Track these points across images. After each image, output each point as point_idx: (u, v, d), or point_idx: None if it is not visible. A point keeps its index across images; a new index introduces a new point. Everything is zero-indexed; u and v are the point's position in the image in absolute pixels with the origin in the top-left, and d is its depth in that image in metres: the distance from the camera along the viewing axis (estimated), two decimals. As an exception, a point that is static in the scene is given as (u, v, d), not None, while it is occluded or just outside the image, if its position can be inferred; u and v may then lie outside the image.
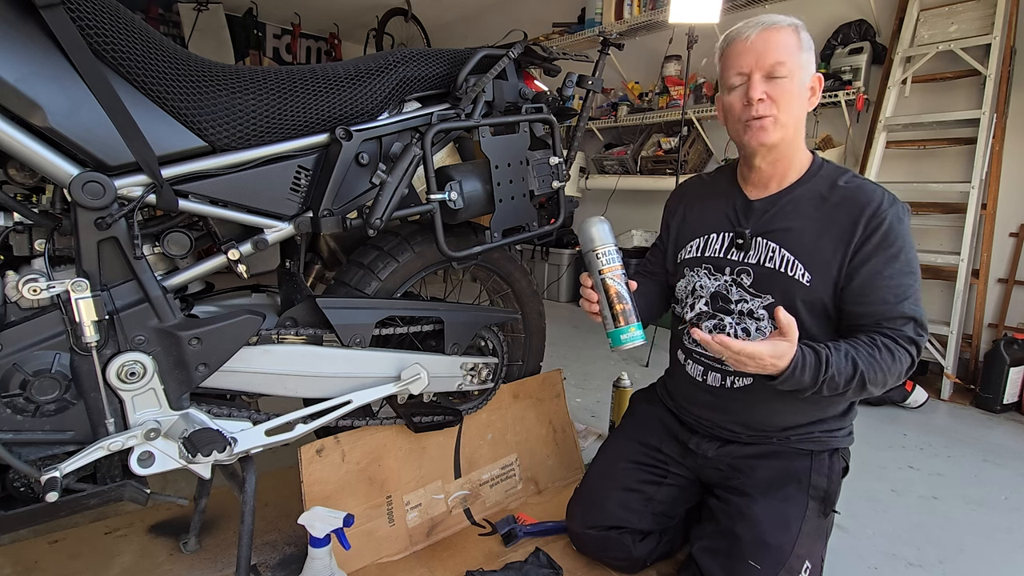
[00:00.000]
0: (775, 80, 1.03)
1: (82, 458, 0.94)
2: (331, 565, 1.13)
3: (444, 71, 1.29)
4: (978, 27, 2.58)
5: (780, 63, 1.02)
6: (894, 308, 1.02)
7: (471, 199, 1.27)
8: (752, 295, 1.12)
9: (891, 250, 1.02)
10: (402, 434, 1.38)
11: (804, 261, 1.07)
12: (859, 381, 0.98)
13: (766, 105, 1.04)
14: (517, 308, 1.61)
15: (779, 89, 1.03)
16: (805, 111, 1.08)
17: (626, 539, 1.23)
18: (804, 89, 1.06)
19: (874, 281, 1.03)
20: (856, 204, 1.05)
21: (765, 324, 1.11)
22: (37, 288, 0.89)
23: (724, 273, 1.16)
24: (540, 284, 4.31)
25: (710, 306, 1.18)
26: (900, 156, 2.96)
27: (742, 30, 1.06)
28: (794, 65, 1.03)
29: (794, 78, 1.03)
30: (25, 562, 1.27)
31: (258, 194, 1.08)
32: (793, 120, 1.06)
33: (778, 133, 1.06)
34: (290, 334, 1.15)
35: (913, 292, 1.03)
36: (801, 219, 1.09)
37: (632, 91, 4.09)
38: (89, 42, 0.87)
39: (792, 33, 1.04)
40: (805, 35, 1.06)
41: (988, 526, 1.58)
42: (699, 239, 1.23)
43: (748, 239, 1.12)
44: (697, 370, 1.22)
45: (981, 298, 2.67)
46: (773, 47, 1.03)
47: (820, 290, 1.06)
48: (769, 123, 1.05)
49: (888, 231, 1.02)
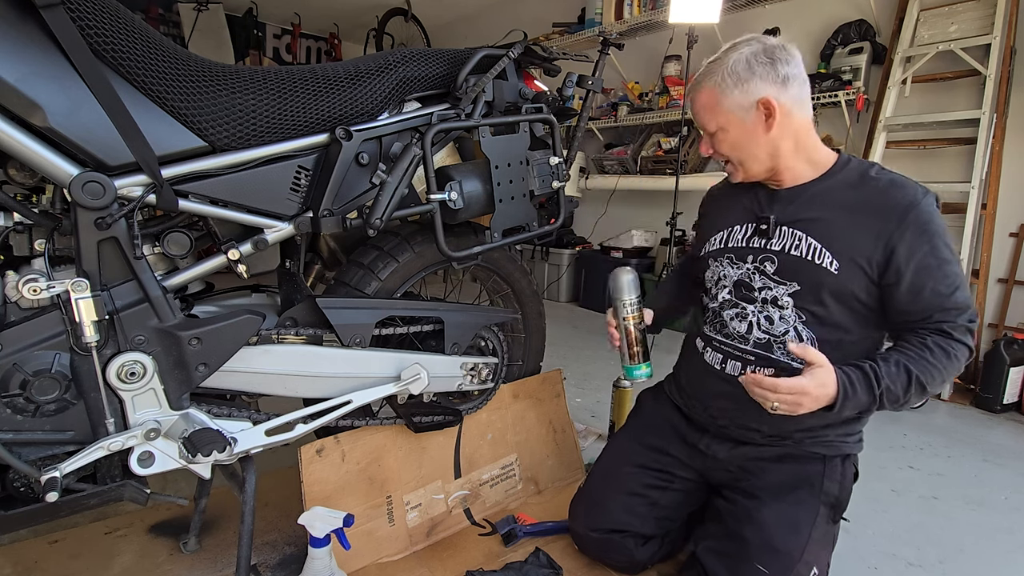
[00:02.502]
0: (712, 136, 1.13)
1: (82, 458, 0.94)
2: (331, 565, 1.13)
3: (444, 71, 1.29)
4: (978, 27, 2.58)
5: (704, 125, 1.12)
6: (948, 299, 1.01)
7: (471, 199, 1.27)
8: (776, 283, 1.11)
9: (934, 241, 1.01)
10: (402, 434, 1.38)
11: (833, 250, 1.05)
12: (917, 385, 0.98)
13: (718, 156, 1.14)
14: (517, 308, 1.61)
15: (717, 143, 1.13)
16: (765, 136, 1.07)
17: (628, 542, 1.23)
18: (745, 126, 1.07)
19: (925, 275, 1.01)
20: (891, 197, 1.04)
21: (789, 312, 1.10)
22: (37, 288, 0.89)
23: (746, 261, 1.16)
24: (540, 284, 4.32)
25: (733, 294, 1.18)
26: (900, 156, 2.96)
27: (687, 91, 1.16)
28: (721, 119, 1.09)
29: (726, 127, 1.09)
30: (25, 562, 1.27)
31: (258, 194, 1.07)
32: (749, 155, 1.10)
33: (740, 174, 1.14)
34: (290, 334, 1.15)
35: (962, 280, 1.02)
36: (830, 210, 1.08)
37: (632, 91, 4.09)
38: (89, 42, 0.87)
39: (708, 92, 1.09)
40: (724, 80, 1.06)
41: (988, 526, 1.58)
42: (723, 231, 1.23)
43: (772, 225, 1.13)
44: (716, 358, 1.19)
45: (981, 298, 2.67)
46: (698, 112, 1.12)
47: (849, 280, 1.05)
48: (731, 168, 1.15)
49: (928, 223, 1.01)
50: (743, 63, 1.05)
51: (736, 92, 1.05)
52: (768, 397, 0.98)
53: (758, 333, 1.13)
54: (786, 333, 1.10)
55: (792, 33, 3.25)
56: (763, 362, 1.12)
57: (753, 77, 1.04)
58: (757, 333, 1.13)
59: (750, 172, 1.12)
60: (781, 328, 1.10)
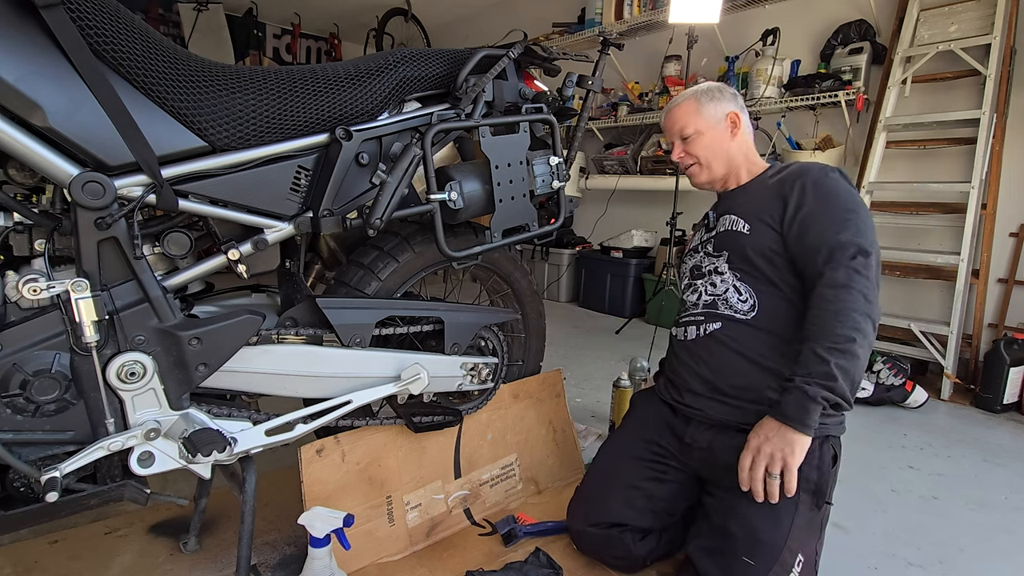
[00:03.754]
0: (686, 140, 1.35)
1: (82, 458, 0.94)
2: (331, 565, 1.13)
3: (444, 71, 1.29)
4: (978, 27, 2.58)
5: (683, 128, 1.35)
6: (833, 238, 1.11)
7: (471, 199, 1.27)
8: (715, 256, 1.32)
9: (824, 195, 1.17)
10: (402, 434, 1.38)
11: (745, 218, 1.27)
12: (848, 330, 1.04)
13: (686, 158, 1.37)
14: (517, 308, 1.61)
15: (691, 145, 1.35)
16: (727, 143, 1.34)
17: (627, 537, 1.23)
18: (716, 132, 1.33)
19: (810, 220, 1.16)
20: (794, 174, 1.25)
21: (727, 276, 1.28)
22: (37, 288, 0.89)
23: (698, 252, 1.38)
24: (540, 284, 4.32)
25: (690, 277, 1.38)
26: (900, 156, 2.96)
27: (663, 114, 1.41)
28: (698, 124, 1.33)
29: (701, 131, 1.33)
30: (25, 562, 1.27)
31: (258, 194, 1.08)
32: (715, 157, 1.34)
33: (704, 174, 1.37)
34: (290, 334, 1.15)
35: (852, 224, 1.12)
36: (752, 196, 1.31)
37: (632, 91, 4.09)
38: (89, 42, 0.87)
39: (691, 103, 1.35)
40: (706, 95, 1.34)
41: (988, 526, 1.58)
42: (694, 237, 1.45)
43: (714, 221, 1.36)
44: (679, 332, 1.35)
45: (981, 298, 2.67)
46: (677, 119, 1.36)
47: (760, 236, 1.23)
48: (695, 169, 1.37)
49: (819, 182, 1.20)
50: (716, 88, 1.36)
51: (711, 105, 1.34)
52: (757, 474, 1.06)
53: (705, 297, 1.31)
54: (727, 291, 1.27)
55: (792, 33, 3.25)
56: (711, 318, 1.27)
57: (723, 98, 1.35)
58: (704, 297, 1.31)
59: (713, 173, 1.36)
60: (722, 288, 1.28)
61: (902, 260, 2.76)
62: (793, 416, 1.03)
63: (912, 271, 2.83)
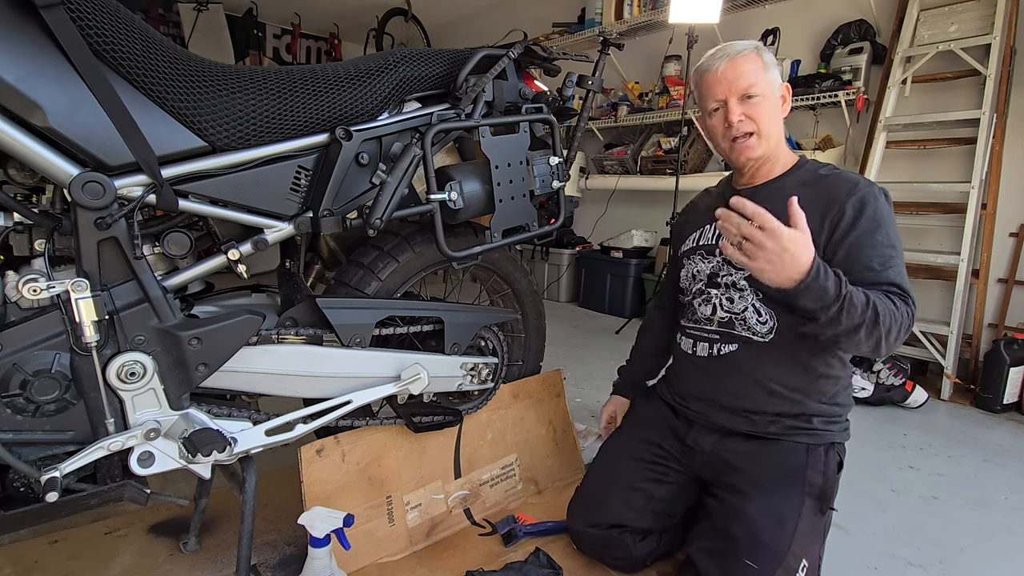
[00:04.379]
0: (749, 100, 1.15)
1: (82, 458, 0.94)
2: (331, 565, 1.13)
3: (444, 71, 1.29)
4: (978, 27, 2.58)
5: (751, 85, 1.14)
6: (880, 275, 1.05)
7: (471, 199, 1.27)
8: (736, 268, 1.20)
9: (871, 224, 1.07)
10: (402, 434, 1.38)
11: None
12: (872, 313, 0.96)
13: (746, 123, 1.16)
14: (517, 308, 1.61)
15: (755, 108, 1.15)
16: (781, 119, 1.20)
17: (627, 538, 1.23)
18: (776, 101, 1.18)
19: (857, 252, 1.07)
20: (835, 186, 1.13)
21: (747, 292, 1.18)
22: (37, 288, 0.89)
23: (715, 255, 1.26)
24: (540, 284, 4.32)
25: (705, 284, 1.27)
26: (900, 156, 2.96)
27: (711, 63, 1.18)
28: (763, 85, 1.15)
29: (765, 95, 1.15)
30: (25, 562, 1.27)
31: (258, 194, 1.08)
32: (773, 130, 1.18)
33: (762, 147, 1.17)
34: (290, 334, 1.15)
35: (896, 263, 1.06)
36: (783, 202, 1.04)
37: (632, 91, 4.09)
38: (89, 42, 0.87)
39: (755, 57, 1.16)
40: (768, 55, 1.17)
41: (988, 526, 1.58)
42: (695, 232, 1.33)
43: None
44: (688, 344, 1.29)
45: (981, 298, 2.67)
46: (742, 74, 1.15)
47: None
48: (753, 140, 1.17)
49: (865, 206, 1.08)
50: (771, 55, 1.18)
51: (773, 71, 1.17)
52: (741, 227, 0.92)
53: (721, 313, 1.22)
54: (745, 310, 1.19)
55: (792, 33, 3.25)
56: (726, 339, 1.21)
57: (776, 68, 1.19)
58: (720, 313, 1.22)
59: (769, 147, 1.18)
60: (741, 306, 1.19)
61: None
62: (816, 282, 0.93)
63: (912, 271, 2.83)
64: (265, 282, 1.31)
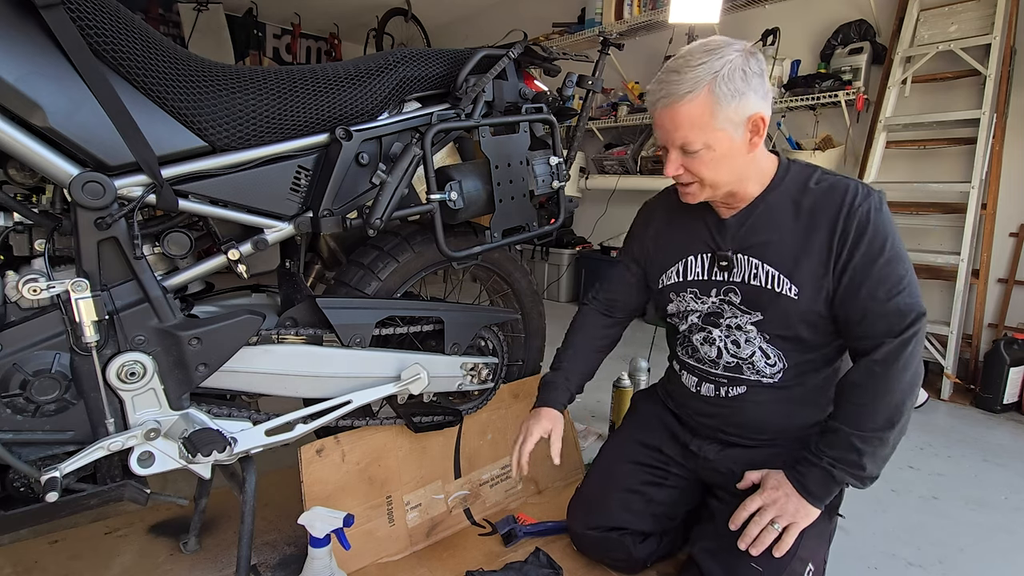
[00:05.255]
0: (690, 154, 0.99)
1: (82, 458, 0.94)
2: (331, 565, 1.13)
3: (444, 71, 1.29)
4: (978, 27, 2.58)
5: (688, 142, 0.97)
6: (885, 305, 0.97)
7: (471, 199, 1.27)
8: (742, 312, 1.11)
9: (874, 245, 0.97)
10: (402, 434, 1.38)
11: (789, 275, 1.03)
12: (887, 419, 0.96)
13: (686, 176, 1.03)
14: (517, 308, 1.61)
15: (695, 161, 1.00)
16: (744, 157, 1.01)
17: (627, 540, 1.23)
18: (733, 145, 0.98)
19: (861, 281, 0.98)
20: (831, 204, 1.01)
21: (754, 335, 1.11)
22: (37, 288, 0.89)
23: (711, 295, 1.14)
24: (540, 284, 4.31)
25: (702, 319, 1.18)
26: (900, 156, 2.96)
27: (653, 98, 1.00)
28: (707, 136, 0.96)
29: (711, 146, 0.97)
30: (25, 562, 1.27)
31: (258, 194, 1.08)
32: (723, 178, 1.02)
33: (704, 194, 1.05)
34: (290, 334, 1.15)
35: (905, 284, 0.98)
36: (778, 230, 1.05)
37: (632, 91, 4.09)
38: (89, 42, 0.87)
39: (704, 101, 0.94)
40: (727, 85, 0.93)
41: (988, 526, 1.58)
42: (678, 263, 1.19)
43: (731, 259, 1.09)
44: (691, 380, 1.23)
45: (981, 298, 2.67)
46: (680, 126, 0.97)
47: (810, 302, 1.03)
48: (693, 188, 1.05)
49: (866, 225, 0.98)
50: (739, 73, 0.93)
51: (732, 106, 0.94)
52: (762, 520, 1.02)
53: (727, 357, 1.14)
54: (753, 354, 1.12)
55: (792, 33, 3.25)
56: (734, 382, 1.15)
57: (748, 90, 0.94)
58: (726, 357, 1.14)
59: (715, 193, 1.05)
60: (748, 351, 1.12)
61: (902, 260, 2.76)
62: (814, 492, 1.01)
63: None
64: (265, 282, 1.31)
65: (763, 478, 1.07)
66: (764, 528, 1.02)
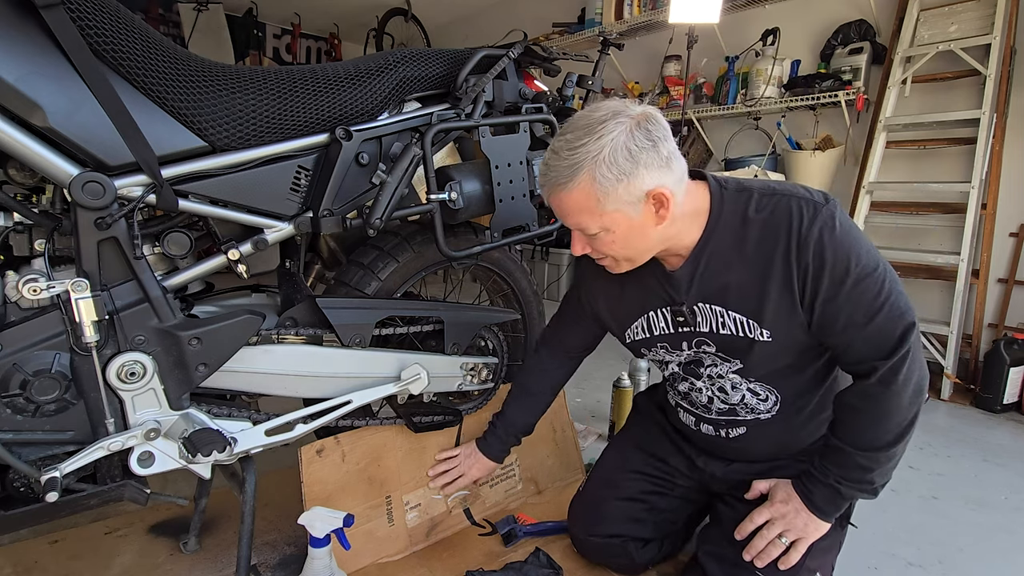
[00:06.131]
0: (594, 237, 0.94)
1: (82, 458, 0.94)
2: (331, 565, 1.13)
3: (444, 71, 1.29)
4: (978, 27, 2.58)
5: (583, 227, 0.93)
6: (865, 329, 0.90)
7: (471, 199, 1.27)
8: (722, 359, 1.05)
9: (836, 270, 0.89)
10: (402, 434, 1.38)
11: (756, 318, 0.96)
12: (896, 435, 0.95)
13: (595, 254, 0.99)
14: (517, 308, 1.61)
15: (599, 242, 0.95)
16: (653, 229, 0.93)
17: (629, 546, 1.22)
18: (634, 223, 0.91)
19: (835, 312, 0.91)
20: (777, 237, 0.92)
21: (738, 380, 1.07)
22: (37, 288, 0.89)
23: (683, 348, 1.09)
24: (540, 284, 4.32)
25: (683, 369, 1.13)
26: (900, 156, 2.96)
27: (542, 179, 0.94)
28: (601, 221, 0.90)
29: (609, 227, 0.91)
30: (25, 562, 1.27)
31: (258, 194, 1.08)
32: (636, 248, 0.96)
33: (624, 266, 1.00)
34: (290, 334, 1.15)
35: (882, 299, 0.89)
36: (732, 271, 0.97)
37: (632, 91, 4.09)
38: (89, 42, 0.87)
39: (582, 190, 0.87)
40: (604, 173, 0.86)
41: (988, 526, 1.58)
42: (640, 319, 1.12)
43: (689, 314, 1.03)
44: (689, 419, 1.20)
45: (981, 298, 2.67)
46: (568, 212, 0.92)
47: (786, 338, 0.97)
48: (609, 263, 1.00)
49: (822, 253, 0.89)
50: (623, 152, 0.85)
51: (620, 188, 0.86)
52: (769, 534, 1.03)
53: (719, 404, 1.12)
54: (743, 398, 1.09)
55: (792, 33, 3.25)
56: (733, 425, 1.14)
57: (638, 167, 0.86)
58: (718, 404, 1.12)
59: (637, 262, 0.99)
60: (736, 397, 1.09)
61: (902, 260, 2.76)
62: (822, 508, 1.01)
63: (912, 271, 2.83)
64: (265, 282, 1.31)
65: (772, 489, 1.07)
66: (771, 541, 1.02)
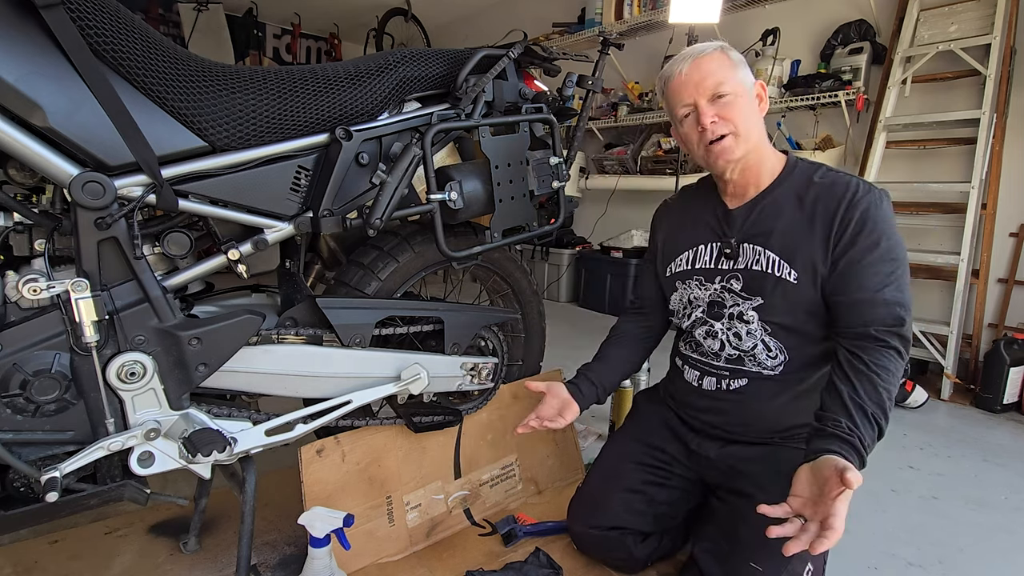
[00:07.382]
0: (720, 100, 1.07)
1: (82, 458, 0.94)
2: (331, 565, 1.13)
3: (444, 71, 1.29)
4: (978, 27, 2.58)
5: (720, 83, 1.07)
6: (874, 296, 1.02)
7: (471, 199, 1.27)
8: (743, 298, 1.15)
9: (870, 237, 1.02)
10: (402, 434, 1.38)
11: (789, 259, 1.09)
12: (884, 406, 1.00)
13: (720, 124, 1.08)
14: (517, 308, 1.61)
15: (727, 107, 1.07)
16: (760, 118, 1.12)
17: (628, 540, 1.23)
18: (751, 99, 1.10)
19: (853, 270, 1.03)
20: (832, 197, 1.07)
21: (755, 327, 1.14)
22: (37, 288, 0.89)
23: (714, 282, 1.19)
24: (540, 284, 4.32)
25: (706, 312, 1.21)
26: (900, 156, 2.96)
27: (675, 67, 1.11)
28: (733, 82, 1.07)
29: (737, 93, 1.07)
30: (25, 562, 1.27)
31: (258, 194, 1.07)
32: (753, 129, 1.10)
33: (741, 147, 1.09)
34: (290, 334, 1.15)
35: (895, 279, 1.02)
36: (782, 220, 1.11)
37: (632, 91, 4.09)
38: (89, 42, 0.87)
39: (721, 56, 1.08)
40: (734, 54, 1.10)
41: (988, 526, 1.58)
42: (687, 252, 1.25)
43: (735, 248, 1.15)
44: (693, 375, 1.24)
45: (981, 298, 2.67)
46: (708, 73, 1.07)
47: (809, 289, 1.07)
48: (729, 141, 1.08)
49: (864, 218, 1.03)
50: (738, 54, 1.10)
51: (743, 69, 1.09)
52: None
53: (729, 350, 1.17)
54: (755, 347, 1.14)
55: (792, 33, 3.25)
56: (736, 375, 1.17)
57: (745, 67, 1.10)
58: (728, 350, 1.17)
59: (748, 146, 1.10)
60: (749, 343, 1.15)
61: (902, 260, 2.76)
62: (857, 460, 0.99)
63: (912, 271, 2.80)
64: (265, 282, 1.31)
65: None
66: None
